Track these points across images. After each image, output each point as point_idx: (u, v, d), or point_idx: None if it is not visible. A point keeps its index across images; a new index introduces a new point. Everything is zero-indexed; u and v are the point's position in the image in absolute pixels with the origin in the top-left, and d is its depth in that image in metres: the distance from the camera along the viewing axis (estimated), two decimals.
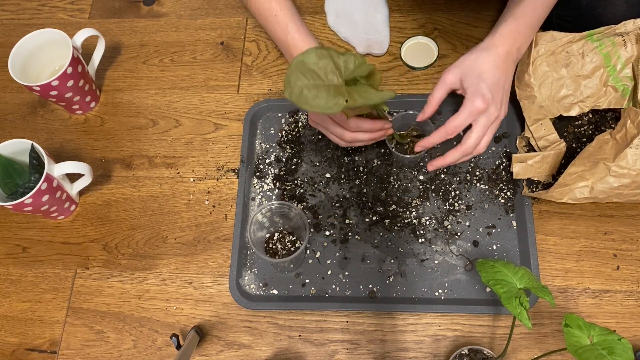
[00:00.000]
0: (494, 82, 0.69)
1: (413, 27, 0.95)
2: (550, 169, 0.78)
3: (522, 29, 0.72)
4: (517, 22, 0.71)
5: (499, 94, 0.70)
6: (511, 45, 0.71)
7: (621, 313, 0.74)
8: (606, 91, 0.78)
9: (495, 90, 0.69)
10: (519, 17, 0.71)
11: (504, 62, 0.71)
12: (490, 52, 0.70)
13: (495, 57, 0.70)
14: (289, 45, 0.76)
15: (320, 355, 0.76)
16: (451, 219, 0.80)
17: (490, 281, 0.61)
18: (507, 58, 0.71)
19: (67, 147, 0.94)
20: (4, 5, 1.09)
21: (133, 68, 0.99)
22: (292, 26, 0.75)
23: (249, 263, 0.81)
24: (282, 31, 0.76)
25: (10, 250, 0.88)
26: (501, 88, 0.70)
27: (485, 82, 0.69)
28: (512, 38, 0.71)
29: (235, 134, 0.91)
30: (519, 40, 0.72)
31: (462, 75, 0.70)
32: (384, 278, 0.78)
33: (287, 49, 0.77)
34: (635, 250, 0.77)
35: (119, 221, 0.87)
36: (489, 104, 0.68)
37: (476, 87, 0.68)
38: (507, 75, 0.72)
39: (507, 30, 0.71)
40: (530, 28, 0.73)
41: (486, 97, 0.68)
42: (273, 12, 0.76)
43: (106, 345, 0.80)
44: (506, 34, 0.71)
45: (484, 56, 0.70)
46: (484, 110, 0.68)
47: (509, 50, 0.71)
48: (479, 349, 0.69)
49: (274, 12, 0.76)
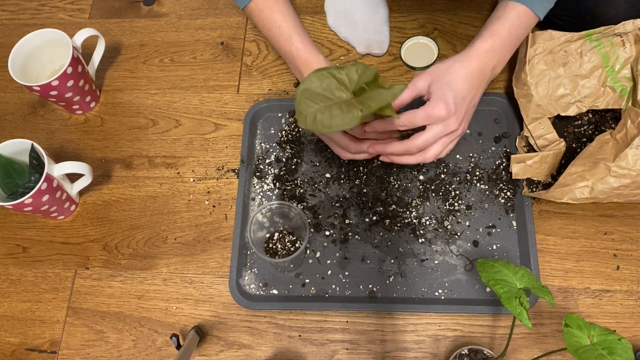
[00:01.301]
0: (461, 94, 0.68)
1: (413, 27, 0.95)
2: (549, 169, 0.78)
3: (498, 48, 0.70)
4: (494, 39, 0.69)
5: (463, 109, 0.68)
6: (485, 64, 0.69)
7: (621, 313, 0.74)
8: (604, 91, 0.78)
9: (460, 103, 0.67)
10: (496, 34, 0.69)
11: (476, 77, 0.69)
12: (463, 65, 0.68)
13: (469, 70, 0.68)
14: (294, 56, 0.76)
15: (320, 355, 0.76)
16: (451, 219, 0.80)
17: (490, 281, 0.61)
18: (479, 74, 0.69)
19: (67, 147, 0.94)
20: (4, 5, 1.09)
21: (133, 68, 0.99)
22: (296, 37, 0.75)
23: (249, 263, 0.81)
24: (286, 42, 0.76)
25: (10, 250, 0.88)
26: (467, 103, 0.69)
27: (452, 92, 0.67)
28: (488, 56, 0.69)
29: (235, 134, 0.91)
30: (494, 59, 0.70)
31: (432, 81, 0.68)
32: (384, 278, 0.78)
33: (291, 60, 0.77)
34: (635, 250, 0.77)
35: (119, 221, 0.87)
36: (450, 115, 0.66)
37: (442, 93, 0.67)
38: (475, 91, 0.70)
39: (484, 47, 0.69)
40: (506, 48, 0.71)
41: (449, 106, 0.66)
42: (277, 23, 0.76)
43: (106, 345, 0.80)
44: (482, 51, 0.69)
45: (457, 67, 0.68)
46: (444, 119, 0.66)
47: (483, 68, 0.69)
48: (479, 349, 0.69)
49: (278, 23, 0.76)
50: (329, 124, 0.62)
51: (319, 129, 0.62)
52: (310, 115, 0.62)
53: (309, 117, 0.62)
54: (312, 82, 0.63)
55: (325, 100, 0.62)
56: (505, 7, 0.70)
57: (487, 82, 0.72)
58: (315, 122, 0.62)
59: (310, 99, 0.62)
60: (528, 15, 0.70)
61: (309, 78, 0.63)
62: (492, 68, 0.70)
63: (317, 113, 0.62)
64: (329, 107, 0.62)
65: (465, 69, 0.68)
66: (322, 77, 0.63)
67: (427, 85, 0.69)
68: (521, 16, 0.70)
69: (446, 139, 0.69)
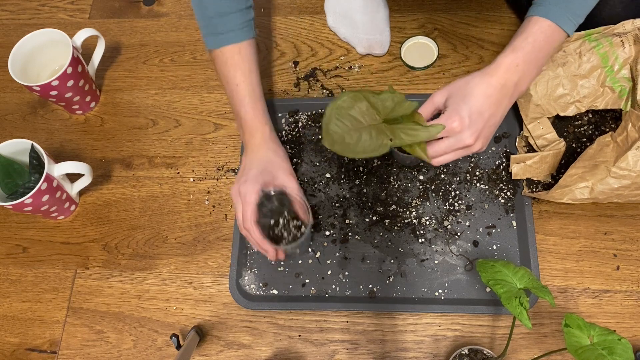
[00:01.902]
0: (478, 109, 0.65)
1: (413, 27, 0.95)
2: (549, 169, 0.78)
3: (520, 63, 0.66)
4: (516, 54, 0.66)
5: (479, 124, 0.65)
6: (507, 79, 0.66)
7: (621, 313, 0.74)
8: (603, 91, 0.78)
9: (476, 118, 0.64)
10: (518, 49, 0.66)
11: (497, 93, 0.65)
12: (483, 79, 0.66)
13: (488, 86, 0.65)
14: (241, 118, 0.78)
15: (320, 355, 0.76)
16: (451, 219, 0.80)
17: (490, 281, 0.61)
18: (500, 90, 0.66)
19: (67, 147, 0.94)
20: (4, 5, 1.09)
21: (133, 68, 0.99)
22: (248, 100, 0.77)
23: (249, 263, 0.81)
24: (239, 102, 0.77)
25: (10, 250, 0.88)
26: (484, 119, 0.65)
27: (467, 105, 0.64)
28: (509, 71, 0.66)
29: (235, 134, 0.91)
30: (516, 74, 0.66)
31: (449, 95, 0.66)
32: (384, 278, 0.78)
33: (238, 121, 0.79)
34: (635, 250, 0.77)
35: (119, 221, 0.87)
36: (464, 129, 0.64)
37: (457, 107, 0.65)
38: (496, 108, 0.66)
39: (505, 61, 0.66)
40: (531, 64, 0.67)
41: (463, 119, 0.64)
42: (236, 81, 0.76)
43: (106, 345, 0.80)
44: (502, 65, 0.66)
45: (477, 82, 0.66)
46: (457, 132, 0.64)
47: (504, 83, 0.66)
48: (479, 349, 0.70)
49: (237, 81, 0.76)
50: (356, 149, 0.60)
51: (346, 152, 0.60)
52: (338, 137, 0.60)
53: (336, 138, 0.60)
54: (345, 102, 0.61)
55: (354, 122, 0.60)
56: (529, 22, 0.68)
57: (511, 99, 0.68)
58: (343, 145, 0.60)
59: (339, 118, 0.60)
60: (553, 30, 0.67)
61: (342, 96, 0.61)
62: (515, 84, 0.67)
63: (345, 135, 0.60)
64: (359, 129, 0.60)
65: (484, 83, 0.65)
66: (356, 97, 0.61)
67: (444, 99, 0.67)
68: (545, 31, 0.67)
69: (460, 152, 0.67)
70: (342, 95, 0.61)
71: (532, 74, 0.68)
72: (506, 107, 0.68)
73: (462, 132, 0.64)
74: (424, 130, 0.62)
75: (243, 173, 0.76)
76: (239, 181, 0.75)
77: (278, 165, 0.76)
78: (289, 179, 0.76)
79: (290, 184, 0.75)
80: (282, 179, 0.75)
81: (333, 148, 0.60)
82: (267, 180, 0.74)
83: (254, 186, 0.73)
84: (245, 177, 0.74)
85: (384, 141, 0.60)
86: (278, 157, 0.77)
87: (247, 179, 0.74)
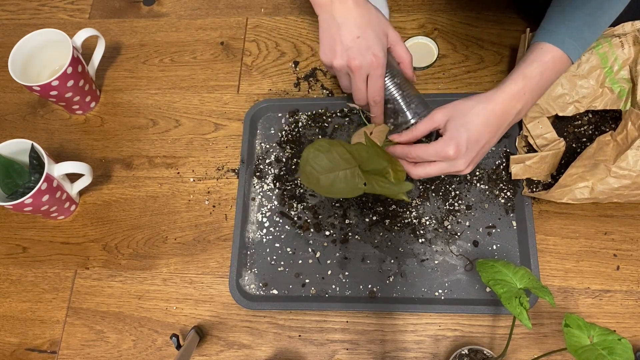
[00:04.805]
0: (475, 138, 0.66)
1: (413, 27, 0.95)
2: (549, 169, 0.78)
3: (527, 91, 0.67)
4: (525, 82, 0.66)
5: (474, 152, 0.66)
6: (511, 107, 0.66)
7: (621, 313, 0.74)
8: (602, 92, 0.78)
9: (473, 146, 0.66)
10: (528, 77, 0.66)
11: (496, 121, 0.66)
12: (487, 107, 0.66)
13: (490, 114, 0.66)
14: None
15: (320, 355, 0.76)
16: (451, 219, 0.80)
17: (490, 281, 0.61)
18: (501, 117, 0.66)
19: (67, 147, 0.94)
20: (4, 5, 1.09)
21: (133, 68, 0.99)
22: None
23: (249, 263, 0.81)
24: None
25: (10, 250, 0.88)
26: (479, 146, 0.66)
27: (467, 134, 0.65)
28: (515, 99, 0.66)
29: (235, 134, 0.91)
30: (521, 102, 0.67)
31: (450, 117, 0.67)
32: (384, 278, 0.78)
33: (328, 10, 0.70)
34: (635, 250, 0.77)
35: (119, 221, 0.87)
36: (459, 156, 0.65)
37: (456, 133, 0.65)
38: (492, 135, 0.67)
39: (514, 89, 0.66)
40: (535, 92, 0.68)
41: (460, 147, 0.65)
42: None
43: (106, 345, 0.80)
44: (510, 93, 0.66)
45: (480, 109, 0.66)
46: (452, 159, 0.66)
47: (507, 111, 0.66)
48: (479, 349, 0.70)
49: None
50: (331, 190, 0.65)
51: (321, 192, 0.65)
52: (313, 177, 0.64)
53: (312, 179, 0.65)
54: (322, 146, 0.64)
55: (330, 166, 0.64)
56: (542, 50, 0.67)
57: (507, 126, 0.69)
58: (318, 185, 0.64)
59: (315, 161, 0.64)
60: (563, 60, 0.67)
61: (318, 141, 0.65)
62: (517, 112, 0.67)
63: (320, 177, 0.64)
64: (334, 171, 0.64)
65: (487, 111, 0.66)
66: (332, 143, 0.65)
67: (445, 120, 0.67)
68: (556, 61, 0.67)
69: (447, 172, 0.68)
70: (319, 140, 0.65)
71: (534, 102, 0.69)
72: (502, 133, 0.69)
73: (457, 159, 0.66)
74: (396, 187, 0.67)
75: (350, 37, 0.68)
76: (347, 47, 0.67)
77: (384, 20, 0.71)
78: (396, 33, 0.72)
79: (398, 37, 0.72)
80: (392, 35, 0.72)
81: (310, 187, 0.66)
82: (383, 39, 0.70)
83: (379, 45, 0.68)
84: (364, 38, 0.67)
85: (359, 185, 0.64)
86: (378, 11, 0.71)
87: (368, 38, 0.67)
